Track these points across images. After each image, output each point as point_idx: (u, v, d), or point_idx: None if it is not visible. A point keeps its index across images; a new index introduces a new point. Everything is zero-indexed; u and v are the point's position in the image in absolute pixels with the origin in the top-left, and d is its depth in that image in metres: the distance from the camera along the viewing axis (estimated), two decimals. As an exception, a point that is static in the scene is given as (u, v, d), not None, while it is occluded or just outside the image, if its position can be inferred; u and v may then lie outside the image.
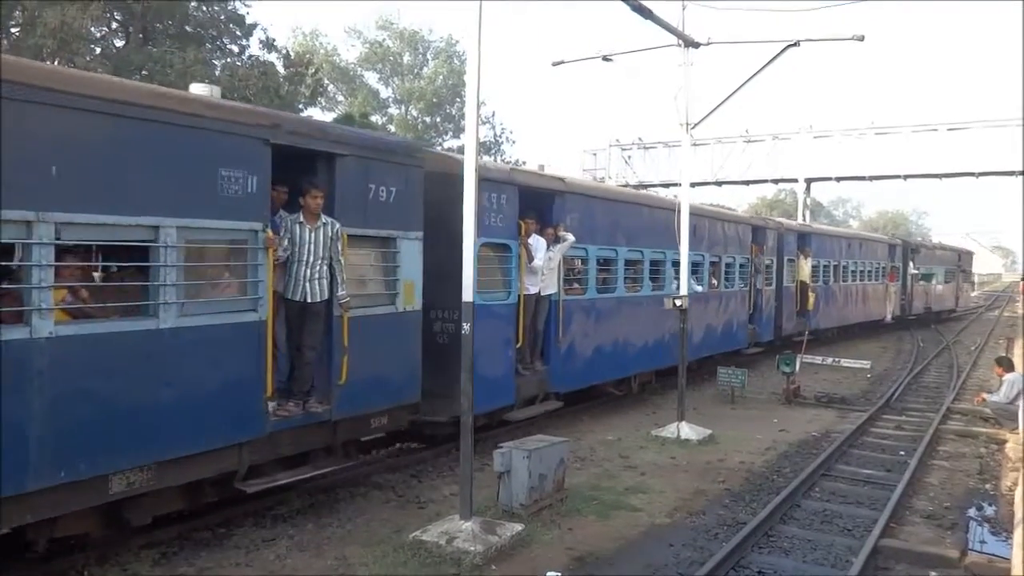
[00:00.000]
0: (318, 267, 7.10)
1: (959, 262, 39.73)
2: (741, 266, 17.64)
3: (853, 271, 25.36)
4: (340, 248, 7.20)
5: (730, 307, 17.12)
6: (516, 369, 10.24)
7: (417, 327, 8.41)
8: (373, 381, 7.77)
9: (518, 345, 10.17)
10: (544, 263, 10.50)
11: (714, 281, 16.13)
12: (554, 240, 10.80)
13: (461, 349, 7.03)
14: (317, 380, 7.33)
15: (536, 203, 10.64)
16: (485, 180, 8.92)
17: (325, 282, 7.16)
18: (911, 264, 30.95)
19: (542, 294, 10.67)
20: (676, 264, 13.38)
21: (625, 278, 12.96)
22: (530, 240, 10.31)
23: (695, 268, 14.74)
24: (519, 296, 10.16)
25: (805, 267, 21.16)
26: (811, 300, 21.18)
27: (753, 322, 18.52)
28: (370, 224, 7.76)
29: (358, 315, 7.53)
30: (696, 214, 14.30)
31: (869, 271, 26.93)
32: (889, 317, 28.50)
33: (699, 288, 15.11)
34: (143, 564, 6.19)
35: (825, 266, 23.07)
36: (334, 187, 7.30)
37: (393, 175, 7.95)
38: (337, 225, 7.18)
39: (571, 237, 10.94)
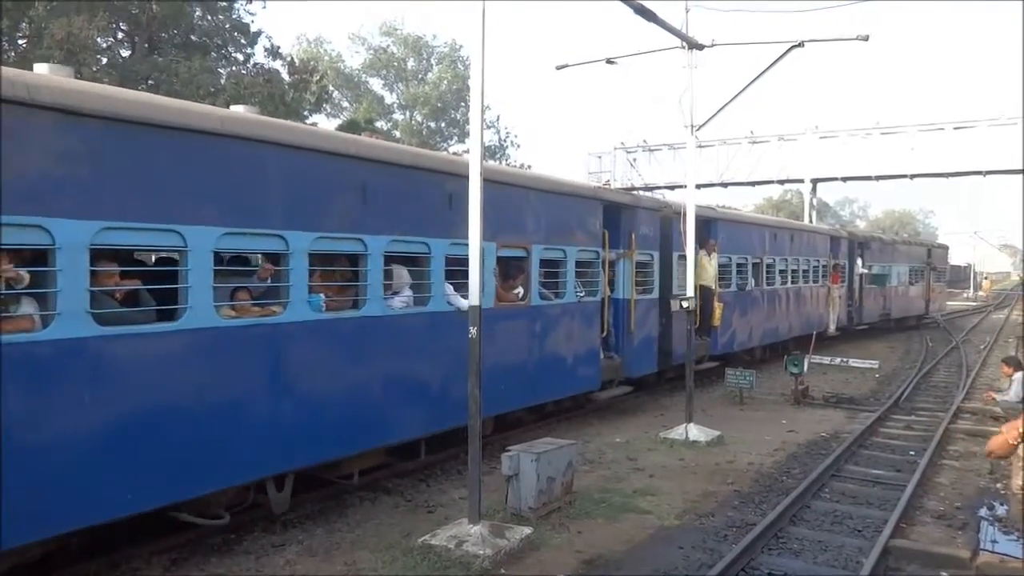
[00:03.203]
0: None
1: (929, 258, 33.97)
2: (582, 265, 11.52)
3: (783, 271, 19.68)
4: None
5: (557, 331, 10.82)
6: None
7: None
8: None
9: None
10: None
11: (518, 290, 10.19)
12: None
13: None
14: None
15: None
16: None
17: None
18: (859, 262, 25.71)
19: None
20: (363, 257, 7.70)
21: (217, 288, 6.36)
22: None
23: (455, 267, 8.58)
24: None
25: (709, 266, 15.42)
26: (717, 312, 15.47)
27: (615, 349, 12.64)
28: None
29: None
30: (459, 175, 7.99)
31: (805, 270, 21.37)
32: (832, 327, 23.35)
33: (460, 302, 8.63)
34: (154, 569, 6.23)
35: (740, 265, 17.22)
36: None
37: None
38: None
39: None
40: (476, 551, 6.45)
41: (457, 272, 8.51)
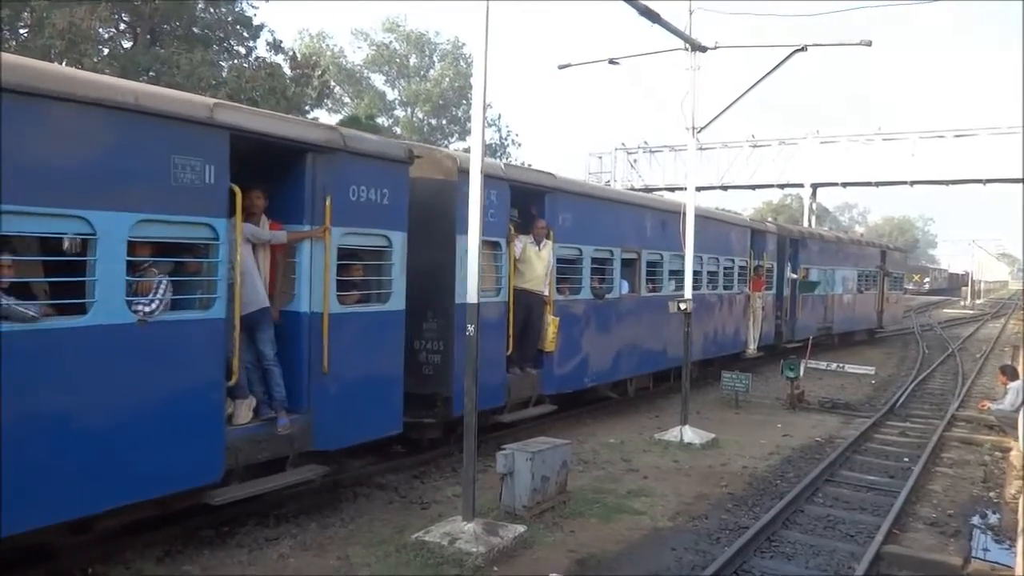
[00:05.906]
0: None
1: (883, 262, 28.73)
2: (160, 251, 5.89)
3: (676, 272, 13.86)
4: None
5: (69, 385, 5.20)
6: None
7: None
8: None
9: None
10: None
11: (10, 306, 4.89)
12: None
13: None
14: None
15: None
16: None
17: None
18: (788, 266, 20.66)
19: None
20: None
21: None
22: None
23: None
24: None
25: (536, 261, 10.38)
26: (550, 331, 10.64)
27: (295, 403, 7.05)
28: None
29: None
30: None
31: (713, 272, 15.99)
32: (753, 347, 18.20)
33: None
34: (147, 562, 6.22)
35: (601, 261, 12.11)
36: None
37: None
38: None
39: None
40: (469, 548, 6.44)
41: None
